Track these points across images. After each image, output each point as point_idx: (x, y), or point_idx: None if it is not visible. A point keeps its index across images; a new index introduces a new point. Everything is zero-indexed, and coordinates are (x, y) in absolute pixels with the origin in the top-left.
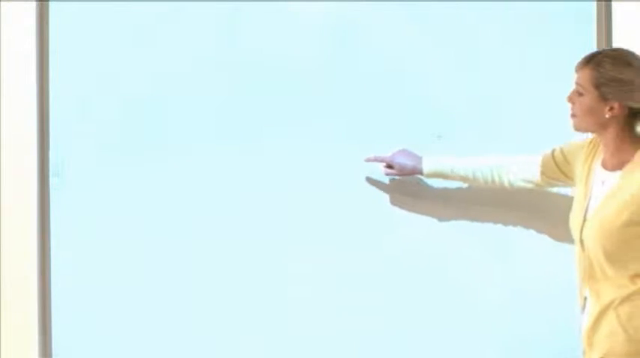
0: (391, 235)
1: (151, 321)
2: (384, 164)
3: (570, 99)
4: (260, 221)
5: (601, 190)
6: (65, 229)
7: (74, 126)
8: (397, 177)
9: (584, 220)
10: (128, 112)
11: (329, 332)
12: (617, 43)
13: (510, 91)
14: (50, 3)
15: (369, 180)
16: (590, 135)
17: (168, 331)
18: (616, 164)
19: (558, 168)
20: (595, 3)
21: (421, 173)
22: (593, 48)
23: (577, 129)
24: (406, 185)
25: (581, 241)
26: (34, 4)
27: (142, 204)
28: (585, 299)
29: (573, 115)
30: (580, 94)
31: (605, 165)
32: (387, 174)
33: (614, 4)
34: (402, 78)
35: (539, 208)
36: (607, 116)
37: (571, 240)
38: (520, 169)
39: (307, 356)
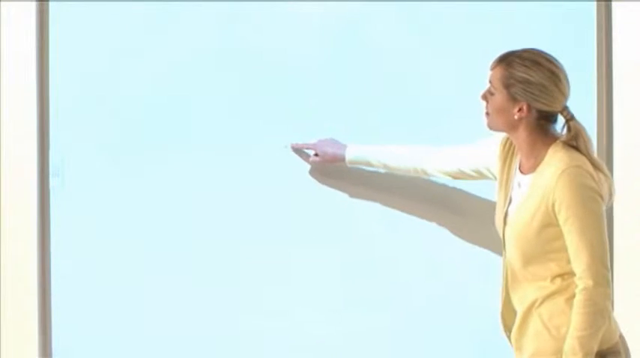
0: (391, 235)
1: (150, 321)
2: (314, 152)
3: (484, 97)
4: (261, 220)
5: (518, 193)
6: (65, 229)
7: (74, 126)
8: (395, 177)
9: (505, 224)
10: (128, 112)
11: (327, 332)
12: (617, 43)
13: None
14: (50, 3)
15: (368, 178)
16: None
17: (168, 331)
18: (530, 166)
19: (484, 161)
20: (595, 3)
21: (343, 160)
22: (593, 48)
23: (490, 127)
24: (410, 187)
25: (504, 244)
26: (34, 4)
27: (142, 204)
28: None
29: (487, 113)
30: (491, 93)
31: (521, 168)
32: (311, 161)
33: (614, 4)
34: (402, 78)
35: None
36: (516, 117)
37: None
38: (441, 160)
39: (304, 355)
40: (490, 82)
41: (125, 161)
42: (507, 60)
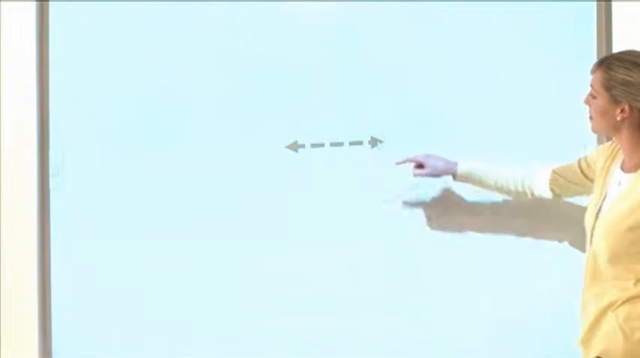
0: (389, 236)
1: (150, 321)
2: (414, 165)
3: (586, 101)
4: (260, 220)
5: (616, 191)
6: (65, 229)
7: (74, 126)
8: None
9: (596, 219)
10: (128, 112)
11: (331, 331)
12: (617, 42)
13: (509, 91)
14: (50, 3)
15: (367, 178)
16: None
17: (168, 331)
18: (632, 166)
19: (584, 174)
20: (595, 3)
21: (454, 174)
22: (593, 48)
23: (594, 130)
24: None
25: (591, 239)
26: (34, 4)
27: (141, 204)
28: (586, 300)
29: (590, 117)
30: (594, 97)
31: (622, 167)
32: (417, 175)
33: (614, 4)
34: (402, 78)
35: (548, 215)
36: (619, 118)
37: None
38: (545, 180)
39: (304, 354)
40: (591, 86)
41: (125, 161)
42: (606, 63)
